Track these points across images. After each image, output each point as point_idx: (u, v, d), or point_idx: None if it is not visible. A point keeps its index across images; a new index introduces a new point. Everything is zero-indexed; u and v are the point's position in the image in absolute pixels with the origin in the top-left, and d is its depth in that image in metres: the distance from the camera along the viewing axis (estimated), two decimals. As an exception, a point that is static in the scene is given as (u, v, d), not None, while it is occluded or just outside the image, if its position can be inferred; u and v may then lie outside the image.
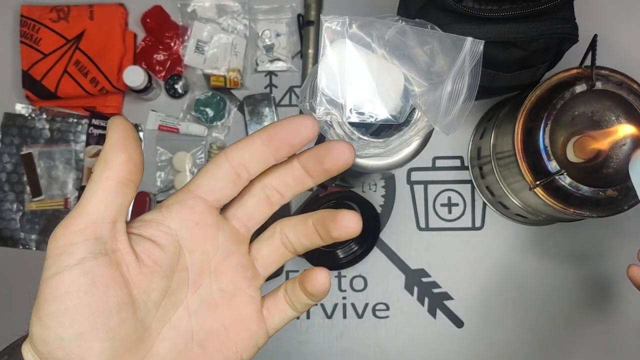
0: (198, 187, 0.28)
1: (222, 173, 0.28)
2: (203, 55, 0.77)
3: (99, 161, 0.26)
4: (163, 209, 0.28)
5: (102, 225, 0.25)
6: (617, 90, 0.58)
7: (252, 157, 0.28)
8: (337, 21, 0.47)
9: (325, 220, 0.29)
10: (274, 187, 0.30)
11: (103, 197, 0.25)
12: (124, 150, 0.26)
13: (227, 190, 0.28)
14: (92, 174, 0.26)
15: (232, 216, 0.30)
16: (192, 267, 0.28)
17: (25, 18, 0.78)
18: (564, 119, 0.59)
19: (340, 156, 0.28)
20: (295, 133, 0.27)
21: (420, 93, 0.49)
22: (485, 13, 0.55)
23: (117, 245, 0.26)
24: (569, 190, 0.58)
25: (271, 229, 0.31)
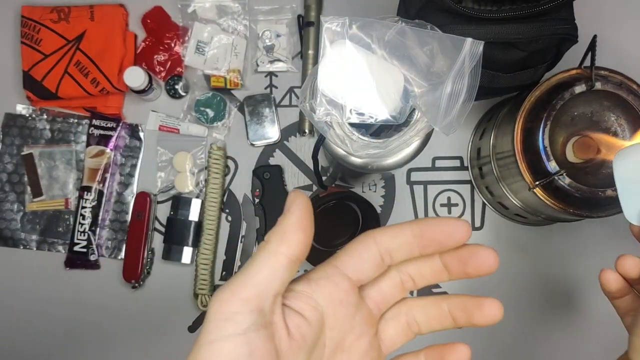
0: (345, 265, 0.29)
1: (369, 255, 0.29)
2: (203, 55, 0.78)
3: (276, 233, 0.27)
4: (312, 282, 0.29)
5: (266, 297, 0.26)
6: (617, 90, 0.58)
7: (400, 247, 0.29)
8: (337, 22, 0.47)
9: (468, 307, 0.30)
10: (410, 275, 0.30)
11: (273, 271, 0.26)
12: (302, 231, 0.27)
13: (370, 272, 0.29)
14: (266, 245, 0.27)
15: (367, 296, 0.30)
16: (330, 343, 0.29)
17: (25, 19, 0.78)
18: (563, 120, 0.59)
19: (485, 262, 0.29)
20: (449, 235, 0.28)
21: (420, 94, 0.49)
22: (485, 14, 0.55)
23: (274, 318, 0.26)
24: (568, 191, 0.58)
25: (397, 308, 0.31)
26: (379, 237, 0.29)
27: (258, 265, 0.26)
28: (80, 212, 0.76)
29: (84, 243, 0.76)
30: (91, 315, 0.77)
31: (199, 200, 0.76)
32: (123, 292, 0.76)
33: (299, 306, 0.27)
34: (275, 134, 0.78)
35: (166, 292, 0.77)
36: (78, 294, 0.77)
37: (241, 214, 0.78)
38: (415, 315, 0.31)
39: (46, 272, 0.77)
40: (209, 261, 0.75)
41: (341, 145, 0.51)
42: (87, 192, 0.76)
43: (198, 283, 0.74)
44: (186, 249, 0.75)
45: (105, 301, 0.77)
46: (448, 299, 0.30)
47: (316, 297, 0.28)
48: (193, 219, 0.76)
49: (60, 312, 0.77)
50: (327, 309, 0.28)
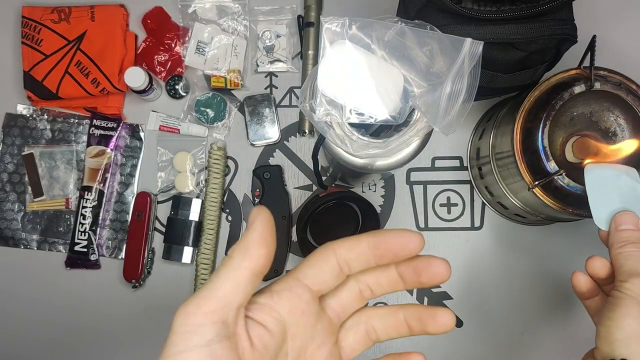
0: (306, 276, 0.30)
1: (328, 266, 0.30)
2: (203, 56, 0.78)
3: (239, 248, 0.28)
4: (274, 294, 0.30)
5: (230, 309, 0.27)
6: (616, 90, 0.58)
7: (357, 257, 0.30)
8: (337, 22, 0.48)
9: (422, 317, 0.31)
10: (368, 284, 0.32)
11: (236, 284, 0.27)
12: (265, 246, 0.28)
13: (330, 282, 0.31)
14: (229, 259, 0.28)
15: (327, 306, 0.32)
16: (292, 352, 0.30)
17: (26, 19, 0.78)
18: (562, 120, 0.60)
19: (438, 273, 0.31)
20: (403, 246, 0.30)
21: (419, 94, 0.49)
22: (484, 14, 0.55)
23: (237, 329, 0.27)
24: (567, 191, 0.58)
25: (356, 317, 0.33)
26: (338, 248, 0.30)
27: (222, 279, 0.27)
28: (80, 212, 0.76)
29: (84, 243, 0.76)
30: (92, 315, 0.77)
31: (199, 200, 0.76)
32: (123, 292, 0.77)
33: (262, 318, 0.29)
34: (275, 134, 0.78)
35: (166, 292, 0.77)
36: (78, 293, 0.77)
37: (241, 214, 0.78)
38: (374, 324, 0.32)
39: (47, 272, 0.77)
40: (209, 261, 0.75)
41: (341, 145, 0.51)
42: (87, 192, 0.76)
43: (198, 283, 0.75)
44: (186, 249, 0.76)
45: (105, 301, 0.77)
46: (404, 309, 0.32)
47: (278, 308, 0.29)
48: (193, 219, 0.76)
49: (61, 311, 0.77)
50: (289, 319, 0.29)
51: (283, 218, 0.75)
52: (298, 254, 0.76)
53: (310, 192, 0.78)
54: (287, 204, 0.76)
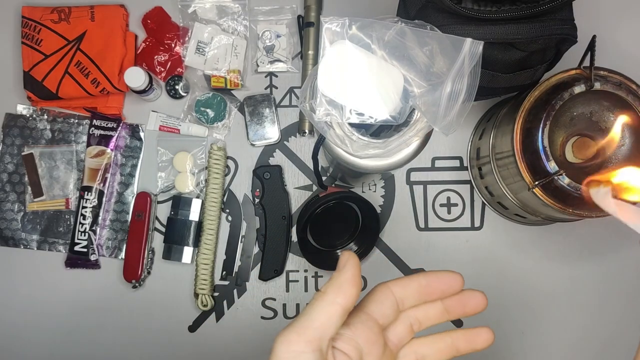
0: (373, 311, 0.35)
1: (388, 302, 0.35)
2: (204, 56, 0.78)
3: (334, 285, 0.32)
4: (352, 326, 0.34)
5: (325, 340, 0.31)
6: (616, 90, 0.58)
7: (410, 295, 0.36)
8: (337, 22, 0.48)
9: (469, 338, 0.38)
10: (417, 318, 0.37)
11: (330, 317, 0.31)
12: (355, 286, 0.32)
13: (390, 317, 0.36)
14: (323, 294, 0.32)
15: (387, 338, 0.36)
16: None
17: (26, 19, 0.78)
18: (562, 120, 0.60)
19: (480, 303, 0.38)
20: (450, 286, 0.36)
21: (419, 94, 0.49)
22: (485, 14, 0.55)
23: (328, 358, 0.31)
24: (567, 191, 0.58)
25: (408, 347, 0.37)
26: (393, 287, 0.36)
27: (317, 312, 0.31)
28: (80, 212, 0.76)
29: (84, 243, 0.76)
30: (91, 315, 0.77)
31: (199, 200, 0.76)
32: (123, 292, 0.77)
33: (345, 347, 0.33)
34: (275, 134, 0.78)
35: (166, 292, 0.77)
36: (78, 293, 0.77)
37: (241, 214, 0.78)
38: (423, 352, 0.37)
39: (47, 272, 0.77)
40: (209, 261, 0.75)
41: (341, 145, 0.51)
42: (87, 192, 0.76)
43: (198, 283, 0.75)
44: (186, 249, 0.76)
45: (105, 301, 0.77)
46: (451, 334, 0.37)
47: (357, 339, 0.33)
48: (193, 219, 0.76)
49: (61, 311, 0.77)
50: (365, 349, 0.33)
51: (283, 218, 0.75)
52: (298, 254, 0.76)
53: (310, 192, 0.78)
54: (287, 204, 0.76)
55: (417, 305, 0.37)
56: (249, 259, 0.77)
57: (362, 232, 0.75)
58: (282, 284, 0.77)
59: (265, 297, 0.77)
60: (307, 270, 0.77)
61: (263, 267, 0.75)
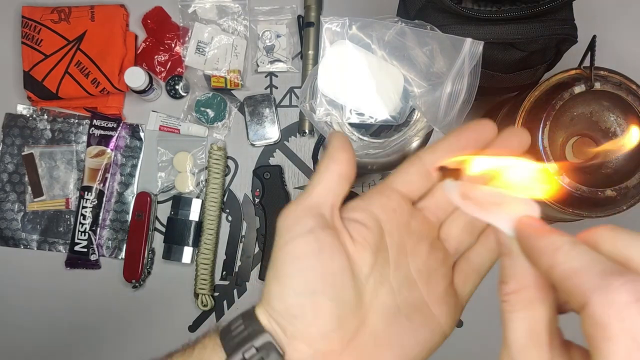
0: (393, 181, 0.32)
1: (414, 170, 0.32)
2: (204, 56, 0.78)
3: (326, 157, 0.31)
4: (365, 197, 0.32)
5: (325, 206, 0.30)
6: (616, 90, 0.58)
7: (442, 156, 0.32)
8: (337, 22, 0.48)
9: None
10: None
11: (327, 185, 0.31)
12: (346, 151, 0.31)
13: (418, 184, 0.32)
14: (319, 166, 0.31)
15: (424, 207, 0.33)
16: (392, 247, 0.31)
17: (26, 19, 0.78)
18: (563, 120, 0.59)
19: (524, 138, 0.31)
20: (482, 134, 0.31)
21: (419, 94, 0.49)
22: (485, 14, 0.55)
23: (336, 224, 0.30)
24: (567, 191, 0.58)
25: (456, 212, 0.33)
26: (422, 153, 0.32)
27: (314, 183, 0.31)
28: (80, 212, 0.76)
29: (84, 243, 0.76)
30: (92, 315, 0.77)
31: (199, 200, 0.76)
32: (123, 292, 0.77)
33: (357, 216, 0.31)
34: (275, 134, 0.78)
35: (166, 292, 0.77)
36: (78, 293, 0.77)
37: (241, 214, 0.78)
38: None
39: (47, 272, 0.77)
40: (209, 261, 0.75)
41: (341, 145, 0.51)
42: (87, 192, 0.76)
43: (198, 283, 0.75)
44: (186, 249, 0.76)
45: (105, 301, 0.77)
46: None
47: (371, 208, 0.31)
48: (193, 219, 0.76)
49: (61, 311, 0.77)
50: (382, 216, 0.31)
51: (283, 218, 0.75)
52: (298, 254, 0.76)
53: (310, 192, 0.78)
54: (287, 204, 0.76)
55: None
56: (249, 259, 0.77)
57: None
58: (282, 284, 0.77)
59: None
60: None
61: (263, 267, 0.75)
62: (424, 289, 0.32)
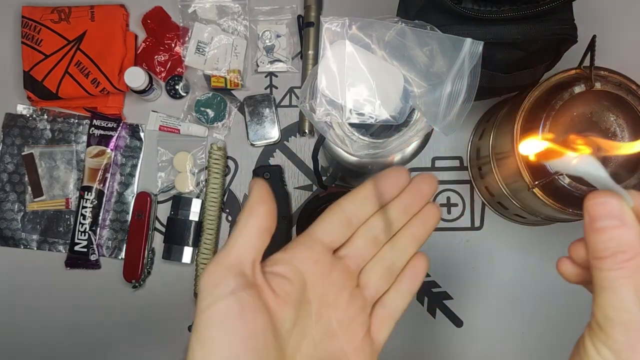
0: (316, 232, 0.34)
1: (336, 219, 0.34)
2: (204, 56, 0.78)
3: (245, 211, 0.32)
4: (288, 250, 0.33)
5: (246, 263, 0.30)
6: (616, 90, 0.58)
7: (361, 204, 0.34)
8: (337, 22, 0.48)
9: (424, 220, 0.36)
10: (380, 227, 0.35)
11: (247, 241, 0.31)
12: (264, 204, 0.32)
13: (340, 233, 0.34)
14: (239, 220, 0.31)
15: (345, 255, 0.35)
16: (314, 300, 0.32)
17: (26, 19, 0.78)
18: (562, 120, 0.60)
19: (432, 184, 0.36)
20: (397, 182, 0.35)
21: (419, 94, 0.49)
22: (485, 14, 0.55)
23: (257, 281, 0.30)
24: (567, 191, 0.58)
25: (374, 259, 0.36)
26: (342, 202, 0.34)
27: (234, 239, 0.31)
28: (80, 212, 0.76)
29: (84, 243, 0.76)
30: (91, 315, 0.77)
31: (199, 200, 0.76)
32: (123, 292, 0.77)
33: (279, 269, 0.32)
34: (275, 134, 0.78)
35: (166, 292, 0.77)
36: (78, 293, 0.77)
37: (241, 214, 0.78)
38: (390, 258, 0.36)
39: (47, 272, 0.77)
40: (209, 261, 0.75)
41: (341, 145, 0.51)
42: (87, 192, 0.76)
43: (198, 283, 0.75)
44: (186, 249, 0.76)
45: (105, 301, 0.77)
46: (407, 228, 0.36)
47: (294, 261, 0.32)
48: (193, 219, 0.76)
49: (61, 311, 0.77)
50: (305, 268, 0.32)
51: (283, 218, 0.75)
52: (298, 254, 0.76)
53: (310, 192, 0.78)
54: (287, 204, 0.76)
55: (375, 214, 0.35)
56: (249, 259, 0.77)
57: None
58: (282, 284, 0.77)
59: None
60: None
61: (263, 267, 0.75)
62: (344, 339, 0.33)
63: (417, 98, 0.49)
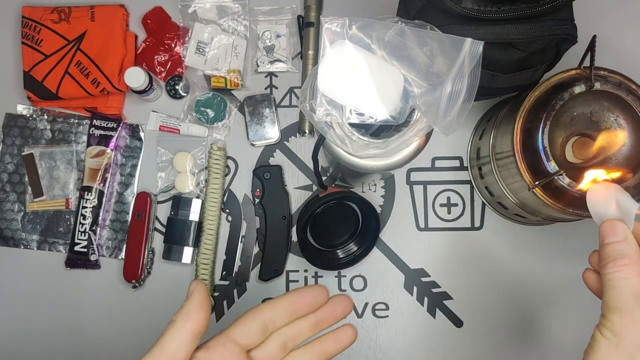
0: (235, 333, 0.38)
1: (255, 324, 0.38)
2: (204, 56, 0.78)
3: (182, 314, 0.36)
4: (210, 348, 0.36)
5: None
6: (616, 90, 0.58)
7: (279, 315, 0.39)
8: (337, 22, 0.48)
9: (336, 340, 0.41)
10: (290, 335, 0.40)
11: (180, 343, 0.34)
12: (202, 310, 0.36)
13: (256, 337, 0.38)
14: (175, 320, 0.35)
15: (256, 356, 0.39)
16: None
17: (26, 19, 0.78)
18: (563, 120, 0.60)
19: (346, 308, 0.41)
20: (315, 299, 0.40)
21: (419, 94, 0.49)
22: (485, 14, 0.55)
23: None
24: (567, 191, 0.58)
25: None
26: (263, 308, 0.39)
27: (168, 340, 0.34)
28: (80, 212, 0.76)
29: (84, 243, 0.76)
30: (91, 315, 0.77)
31: (199, 200, 0.76)
32: (123, 292, 0.77)
33: None
34: (275, 134, 0.78)
35: (166, 292, 0.77)
36: (78, 293, 0.77)
37: (241, 214, 0.78)
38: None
39: (47, 272, 0.77)
40: (209, 261, 0.75)
41: (341, 145, 0.51)
42: (87, 192, 0.76)
43: (198, 283, 0.74)
44: (186, 249, 0.76)
45: (105, 301, 0.77)
46: (320, 340, 0.41)
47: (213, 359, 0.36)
48: (193, 219, 0.76)
49: (61, 311, 0.77)
50: None
51: (283, 218, 0.75)
52: (298, 254, 0.76)
53: (310, 192, 0.78)
54: (287, 204, 0.76)
55: (289, 323, 0.40)
56: (249, 259, 0.77)
57: (362, 232, 0.75)
58: (282, 284, 0.77)
59: (265, 298, 0.77)
60: (307, 270, 0.77)
61: (263, 267, 0.75)
62: None
63: (417, 98, 0.49)
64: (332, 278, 0.77)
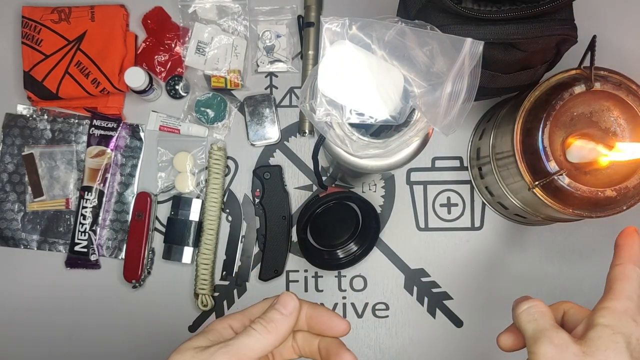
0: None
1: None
2: (204, 56, 0.78)
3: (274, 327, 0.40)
4: None
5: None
6: (616, 90, 0.58)
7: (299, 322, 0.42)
8: (337, 22, 0.48)
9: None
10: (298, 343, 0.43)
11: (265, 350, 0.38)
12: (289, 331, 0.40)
13: None
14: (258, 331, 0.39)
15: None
16: None
17: (26, 19, 0.78)
18: (563, 120, 0.60)
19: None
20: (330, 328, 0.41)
21: (419, 94, 0.49)
22: (485, 14, 0.55)
23: None
24: (567, 191, 0.58)
25: None
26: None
27: (252, 342, 0.38)
28: (80, 212, 0.76)
29: (84, 243, 0.76)
30: (91, 315, 0.77)
31: (199, 200, 0.76)
32: (123, 292, 0.77)
33: None
34: (275, 134, 0.78)
35: (166, 292, 0.77)
36: (78, 293, 0.77)
37: (241, 214, 0.78)
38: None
39: (47, 272, 0.77)
40: (209, 261, 0.75)
41: (341, 145, 0.51)
42: (87, 192, 0.76)
43: (198, 283, 0.75)
44: (186, 249, 0.76)
45: (105, 301, 0.77)
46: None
47: None
48: (193, 219, 0.76)
49: (61, 311, 0.77)
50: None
51: (283, 218, 0.75)
52: (298, 254, 0.76)
53: (310, 192, 0.78)
54: (287, 204, 0.76)
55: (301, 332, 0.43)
56: (249, 259, 0.77)
57: (362, 232, 0.75)
58: (282, 284, 0.77)
59: (265, 298, 0.77)
60: (307, 270, 0.77)
61: (263, 267, 0.75)
62: None
63: (417, 98, 0.49)
64: (332, 278, 0.77)
